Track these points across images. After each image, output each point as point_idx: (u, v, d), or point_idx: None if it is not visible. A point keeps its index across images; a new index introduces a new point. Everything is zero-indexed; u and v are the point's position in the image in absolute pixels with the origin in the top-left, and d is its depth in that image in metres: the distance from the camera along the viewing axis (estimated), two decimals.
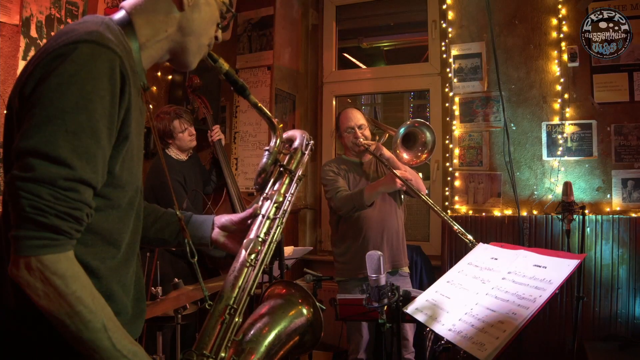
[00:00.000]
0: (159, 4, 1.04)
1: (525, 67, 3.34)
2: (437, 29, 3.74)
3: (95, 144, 0.87)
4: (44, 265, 0.83)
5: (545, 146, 3.27)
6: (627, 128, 3.11)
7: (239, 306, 1.10)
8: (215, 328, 1.07)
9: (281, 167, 1.27)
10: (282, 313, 1.25)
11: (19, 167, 0.84)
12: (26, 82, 0.89)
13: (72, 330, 0.85)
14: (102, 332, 0.87)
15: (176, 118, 2.86)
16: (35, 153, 0.83)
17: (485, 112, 3.43)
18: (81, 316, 0.85)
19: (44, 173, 0.82)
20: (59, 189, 0.83)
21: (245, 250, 1.15)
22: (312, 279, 2.48)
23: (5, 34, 2.68)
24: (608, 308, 3.04)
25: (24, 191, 0.82)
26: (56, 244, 0.84)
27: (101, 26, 0.94)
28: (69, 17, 3.01)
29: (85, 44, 0.88)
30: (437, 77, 3.76)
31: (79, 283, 0.86)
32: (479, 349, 1.32)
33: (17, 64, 2.73)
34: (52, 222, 0.83)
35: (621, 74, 3.13)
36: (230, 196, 3.12)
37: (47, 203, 0.82)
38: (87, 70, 0.87)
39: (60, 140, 0.83)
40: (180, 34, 1.08)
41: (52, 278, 0.83)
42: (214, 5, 1.11)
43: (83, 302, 0.86)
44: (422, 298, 1.71)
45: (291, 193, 1.25)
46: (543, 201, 3.27)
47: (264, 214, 1.21)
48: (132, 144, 0.98)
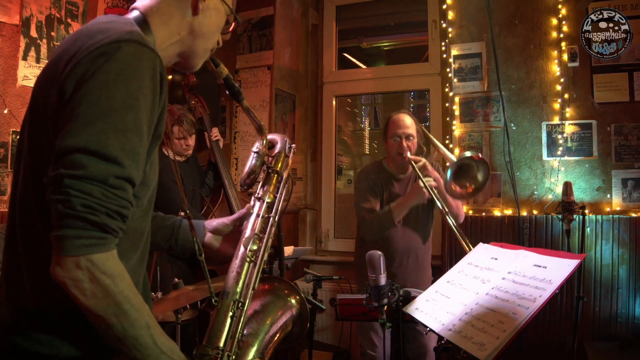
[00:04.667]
0: (175, 7, 1.06)
1: (525, 67, 3.34)
2: (437, 29, 3.74)
3: (139, 143, 0.88)
4: (94, 264, 0.82)
5: (545, 146, 3.27)
6: (627, 128, 3.11)
7: (245, 300, 1.12)
8: (224, 322, 1.08)
9: (269, 169, 1.31)
10: (273, 306, 1.28)
11: (66, 165, 0.82)
12: (66, 80, 0.87)
13: (118, 329, 0.85)
14: (145, 330, 0.88)
15: (177, 124, 2.81)
16: (86, 150, 0.82)
17: (485, 112, 3.43)
18: (128, 315, 0.85)
19: (95, 171, 0.82)
20: (109, 187, 0.83)
21: (245, 247, 1.17)
22: (312, 279, 2.48)
23: (5, 34, 2.68)
24: (608, 308, 3.04)
25: (74, 189, 0.81)
26: (105, 243, 0.84)
27: (134, 26, 0.96)
28: (69, 17, 3.01)
29: (128, 44, 0.89)
30: (437, 77, 3.76)
31: (125, 282, 0.87)
32: (479, 349, 1.32)
33: (17, 64, 2.73)
34: (102, 220, 0.82)
35: (621, 74, 3.13)
36: (227, 197, 3.11)
37: (99, 201, 0.82)
38: (132, 69, 0.88)
39: (110, 138, 0.83)
40: (191, 37, 1.10)
41: (101, 277, 0.83)
42: (222, 11, 1.14)
43: (130, 301, 0.86)
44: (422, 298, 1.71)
45: (281, 193, 1.29)
46: (543, 201, 3.27)
47: (258, 214, 1.24)
48: (159, 142, 1.00)
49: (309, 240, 4.11)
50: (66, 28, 2.99)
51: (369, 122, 5.77)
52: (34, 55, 2.80)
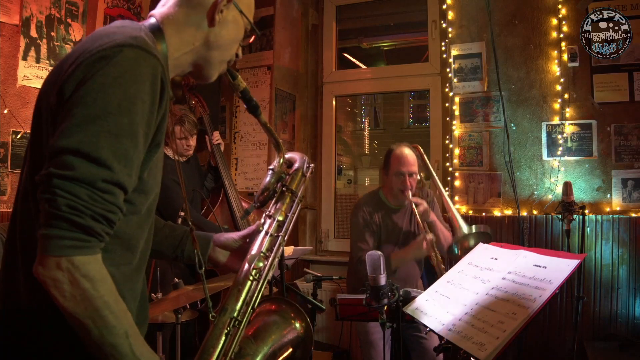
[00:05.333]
0: (191, 17, 1.06)
1: (525, 67, 3.34)
2: (437, 29, 3.73)
3: (133, 148, 0.87)
4: (75, 266, 0.82)
5: (545, 146, 3.27)
6: (627, 128, 3.10)
7: (243, 319, 1.10)
8: (219, 339, 1.06)
9: (283, 187, 1.27)
10: (276, 328, 1.26)
11: (57, 165, 0.82)
12: (66, 81, 0.88)
13: (95, 334, 0.84)
14: (123, 338, 0.87)
15: (178, 124, 2.83)
16: (76, 152, 0.82)
17: (485, 112, 3.43)
18: (106, 321, 0.84)
19: (84, 173, 0.82)
20: (97, 191, 0.83)
21: (249, 264, 1.15)
22: (312, 279, 2.48)
23: (5, 34, 2.68)
24: (608, 308, 3.04)
25: (62, 190, 0.81)
26: (88, 246, 0.83)
27: (142, 32, 0.96)
28: (69, 17, 3.01)
29: (130, 48, 0.89)
30: (437, 77, 3.76)
31: (106, 287, 0.86)
32: (479, 349, 1.32)
33: (17, 64, 2.73)
34: (87, 222, 0.82)
35: (621, 74, 3.13)
36: (227, 197, 3.11)
37: (85, 204, 0.82)
38: (131, 74, 0.87)
39: (102, 141, 0.83)
40: (206, 47, 1.09)
41: (81, 280, 0.82)
42: (241, 24, 1.13)
43: (109, 307, 0.85)
44: (422, 298, 1.72)
45: (292, 212, 1.26)
46: (543, 201, 3.27)
47: (267, 231, 1.21)
48: (160, 150, 1.00)
49: (309, 240, 4.11)
50: (66, 28, 2.99)
51: (369, 122, 5.78)
52: (34, 55, 2.80)
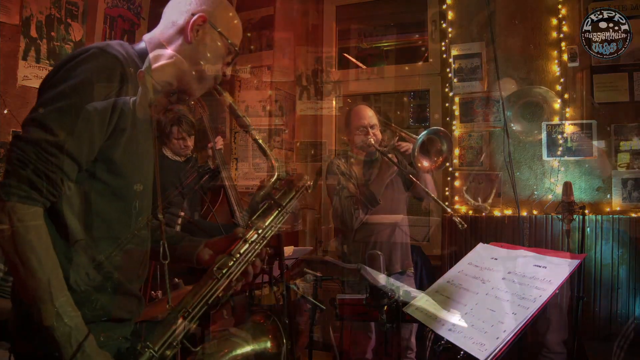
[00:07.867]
0: (170, 35, 1.22)
1: (525, 67, 3.34)
2: (437, 29, 3.73)
3: (84, 125, 1.03)
4: (14, 211, 0.97)
5: (545, 146, 3.27)
6: (627, 128, 3.10)
7: (193, 311, 1.17)
8: (169, 328, 1.13)
9: (272, 200, 1.34)
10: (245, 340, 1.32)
11: (21, 132, 1.01)
12: (48, 76, 1.08)
13: (21, 275, 0.97)
14: (44, 284, 0.97)
15: (175, 124, 2.83)
16: (32, 122, 1.02)
17: (485, 112, 3.42)
18: (29, 264, 0.96)
19: (33, 135, 1.00)
20: (42, 151, 0.99)
21: (215, 264, 1.23)
22: (312, 279, 2.48)
23: (5, 34, 2.67)
24: (608, 308, 3.04)
25: (15, 147, 1.00)
26: (28, 196, 0.98)
27: (117, 44, 1.14)
28: (69, 17, 3.01)
29: (95, 49, 1.09)
30: (437, 77, 3.76)
31: (36, 235, 0.99)
32: (479, 349, 1.32)
33: (17, 64, 2.72)
34: (29, 176, 0.98)
35: (621, 74, 3.13)
36: (227, 197, 3.12)
37: (29, 159, 0.98)
38: (90, 65, 1.05)
39: (53, 114, 1.02)
40: (187, 62, 1.21)
41: (16, 224, 0.96)
42: (220, 42, 1.24)
43: (35, 252, 0.97)
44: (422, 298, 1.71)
45: (275, 224, 1.33)
46: (543, 201, 3.26)
47: (245, 238, 1.28)
48: (134, 139, 1.12)
49: (309, 240, 4.11)
50: (66, 28, 2.99)
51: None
52: (34, 55, 2.80)
